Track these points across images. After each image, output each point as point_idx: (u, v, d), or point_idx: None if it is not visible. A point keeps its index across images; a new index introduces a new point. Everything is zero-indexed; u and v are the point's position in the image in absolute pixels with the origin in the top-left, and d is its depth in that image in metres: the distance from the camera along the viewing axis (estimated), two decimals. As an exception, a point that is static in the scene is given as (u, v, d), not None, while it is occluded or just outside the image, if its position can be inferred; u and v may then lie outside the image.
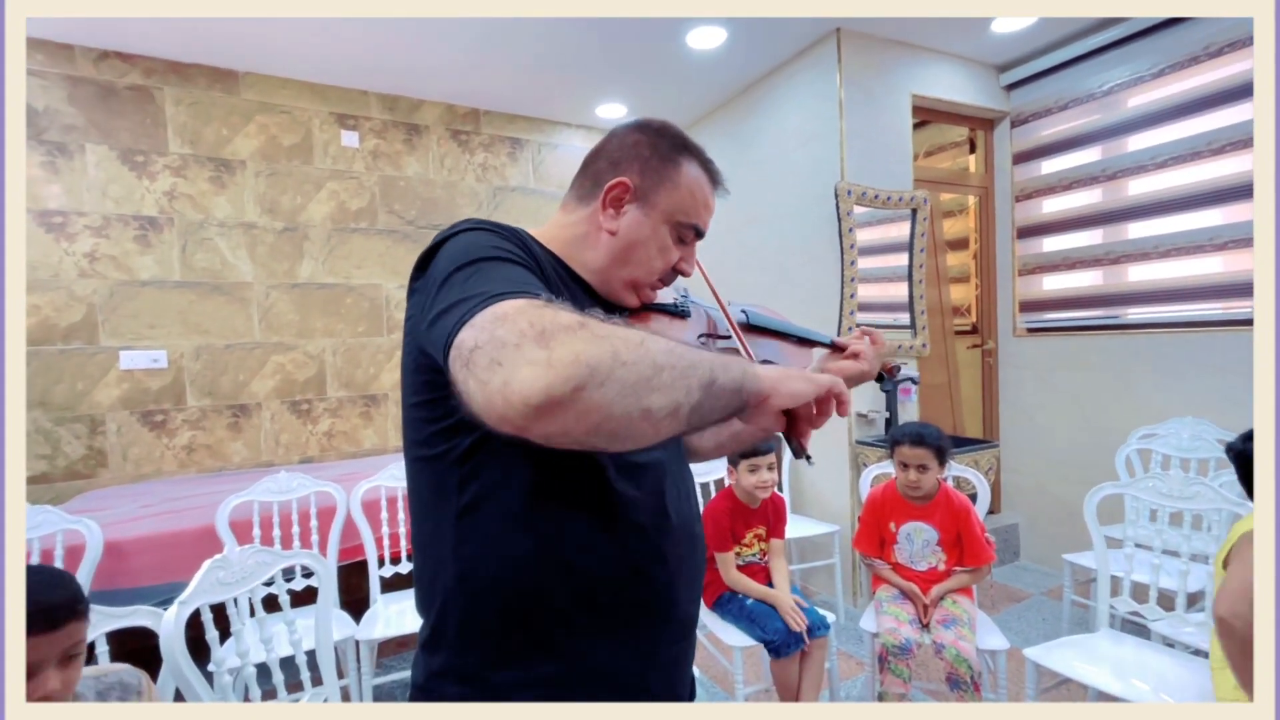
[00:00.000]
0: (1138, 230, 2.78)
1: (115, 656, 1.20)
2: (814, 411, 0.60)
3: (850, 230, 2.77)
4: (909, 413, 2.92)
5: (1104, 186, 2.89)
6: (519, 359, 0.45)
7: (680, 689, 0.79)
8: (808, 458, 0.63)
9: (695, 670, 0.84)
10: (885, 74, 2.89)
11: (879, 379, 1.08)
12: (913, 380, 2.81)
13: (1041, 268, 3.15)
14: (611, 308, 0.83)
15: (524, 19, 2.51)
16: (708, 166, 0.82)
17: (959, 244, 3.64)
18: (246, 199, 2.91)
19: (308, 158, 3.04)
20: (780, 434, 0.63)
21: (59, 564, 1.80)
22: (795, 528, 2.71)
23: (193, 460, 2.83)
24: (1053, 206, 3.11)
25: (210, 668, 1.27)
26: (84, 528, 1.84)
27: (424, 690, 0.69)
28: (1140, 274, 2.79)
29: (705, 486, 2.19)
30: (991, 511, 3.38)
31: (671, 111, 3.65)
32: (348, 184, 3.14)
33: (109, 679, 1.01)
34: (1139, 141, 2.77)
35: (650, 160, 0.78)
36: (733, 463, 1.92)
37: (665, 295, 0.91)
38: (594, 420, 0.47)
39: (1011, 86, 3.24)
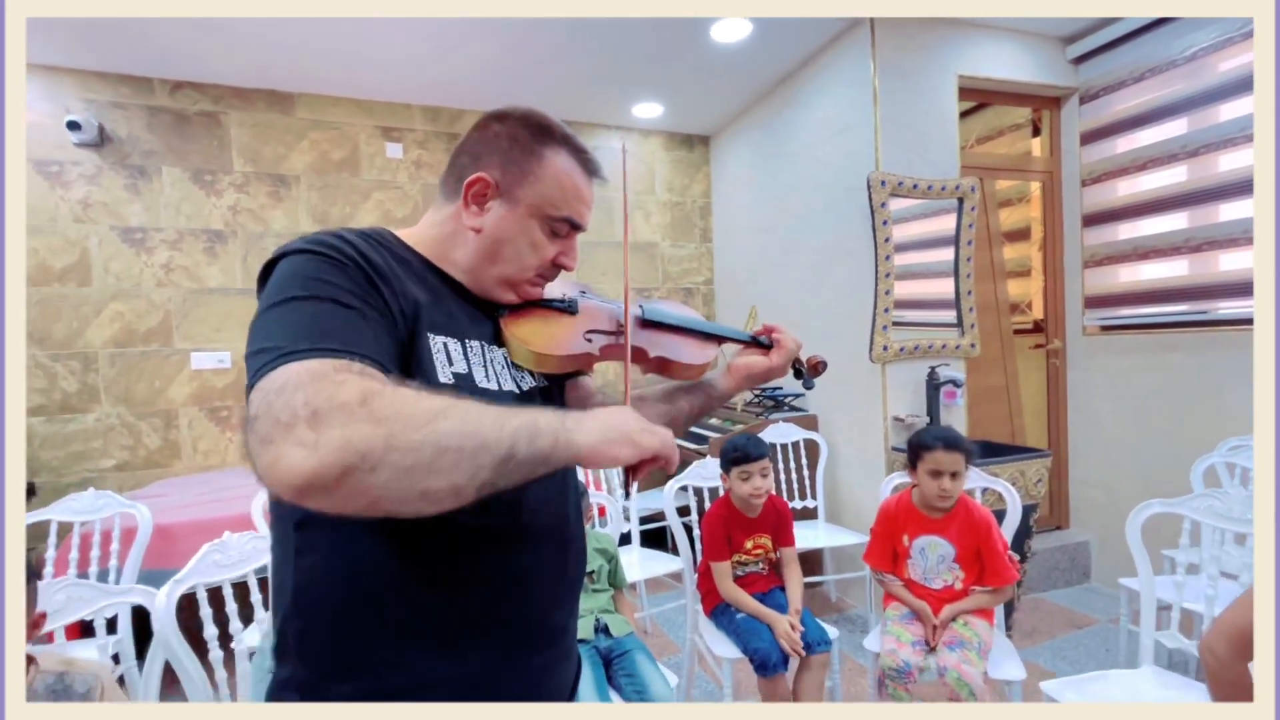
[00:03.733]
0: (1229, 212, 2.43)
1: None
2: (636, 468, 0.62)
3: (885, 223, 2.61)
4: (954, 418, 2.71)
5: (1189, 164, 2.55)
6: (289, 439, 0.46)
7: (552, 696, 0.77)
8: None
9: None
10: (925, 54, 2.69)
11: (798, 375, 1.00)
12: (955, 383, 2.60)
13: (1113, 258, 2.82)
14: (492, 307, 0.82)
15: (552, 22, 2.55)
16: (579, 155, 0.79)
17: (1020, 235, 3.33)
18: (300, 211, 3.13)
19: (355, 170, 3.23)
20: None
21: (115, 544, 2.01)
22: (828, 537, 2.59)
23: (253, 453, 3.06)
24: (1128, 189, 2.78)
25: (234, 645, 1.36)
26: (137, 512, 2.04)
27: (274, 701, 0.68)
28: (1232, 262, 2.44)
29: (700, 491, 2.12)
30: (1058, 528, 3.07)
31: (707, 109, 3.58)
32: (392, 194, 3.30)
33: (52, 681, 0.99)
34: (1231, 110, 2.42)
35: (510, 153, 0.76)
36: (725, 469, 1.85)
37: (555, 289, 0.89)
38: (364, 502, 0.47)
39: (1080, 59, 2.93)
